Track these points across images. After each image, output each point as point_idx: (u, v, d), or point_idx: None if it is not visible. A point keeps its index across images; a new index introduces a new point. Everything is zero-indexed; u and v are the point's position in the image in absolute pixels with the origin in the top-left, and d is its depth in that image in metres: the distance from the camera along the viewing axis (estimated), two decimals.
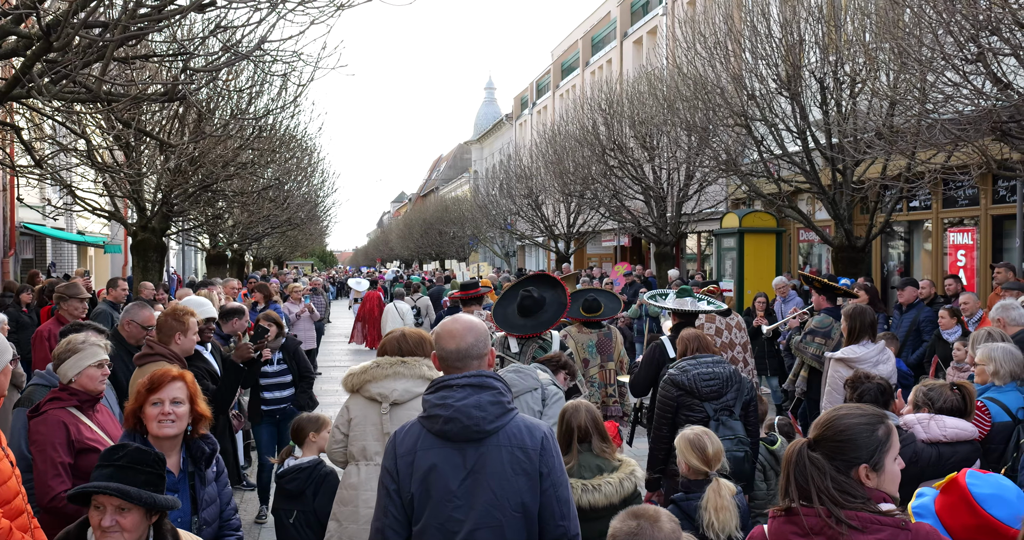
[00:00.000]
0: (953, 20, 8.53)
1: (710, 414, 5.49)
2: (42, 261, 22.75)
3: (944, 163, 11.28)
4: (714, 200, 22.19)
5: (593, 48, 38.03)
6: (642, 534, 2.96)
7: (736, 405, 5.56)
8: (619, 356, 7.85)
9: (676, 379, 5.65)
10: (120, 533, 2.97)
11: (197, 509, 3.67)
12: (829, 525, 2.53)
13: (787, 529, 2.62)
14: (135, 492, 2.96)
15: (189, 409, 3.72)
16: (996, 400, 4.90)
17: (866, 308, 6.80)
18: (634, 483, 4.48)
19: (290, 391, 7.78)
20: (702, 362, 5.67)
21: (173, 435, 3.66)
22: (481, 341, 3.23)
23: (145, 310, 6.22)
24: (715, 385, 5.56)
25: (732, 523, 4.23)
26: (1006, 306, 6.96)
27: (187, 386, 3.74)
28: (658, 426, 5.75)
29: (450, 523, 3.04)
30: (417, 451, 3.11)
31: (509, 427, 3.12)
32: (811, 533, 2.56)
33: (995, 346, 5.16)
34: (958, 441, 4.27)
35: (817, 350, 8.20)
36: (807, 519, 2.56)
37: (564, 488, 3.16)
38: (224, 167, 12.90)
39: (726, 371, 5.64)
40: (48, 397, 4.30)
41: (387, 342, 4.64)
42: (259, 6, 5.84)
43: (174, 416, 3.64)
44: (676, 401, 5.63)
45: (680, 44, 17.20)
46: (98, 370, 4.37)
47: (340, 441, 4.58)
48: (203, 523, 3.67)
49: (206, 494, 3.71)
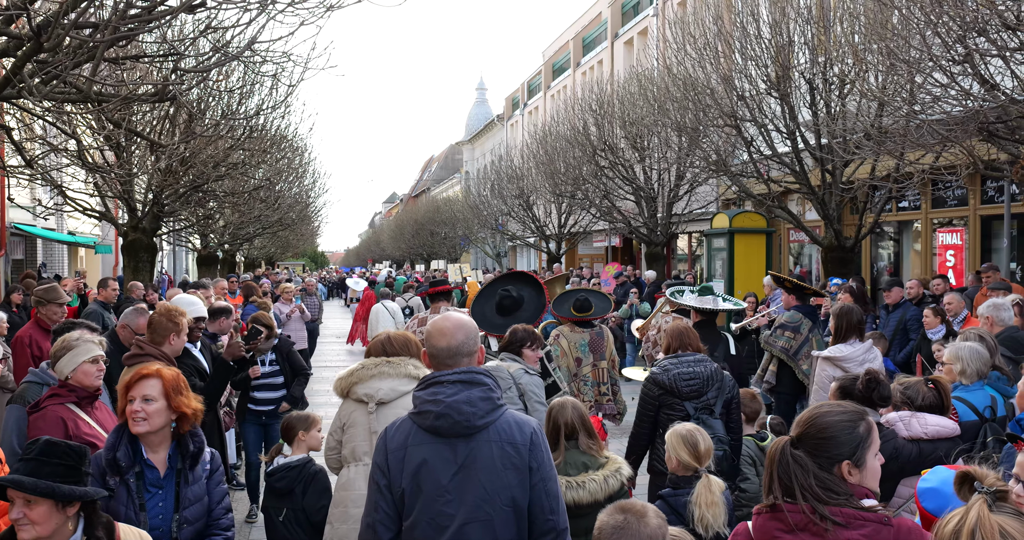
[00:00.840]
0: (940, 21, 8.59)
1: (691, 413, 5.56)
2: (33, 261, 22.69)
3: (932, 164, 11.36)
4: (704, 201, 22.25)
5: (584, 49, 38.08)
6: (628, 528, 2.99)
7: (717, 404, 5.63)
8: (611, 355, 7.90)
9: (658, 378, 5.73)
10: (32, 526, 2.97)
11: (179, 507, 3.67)
12: (813, 521, 2.56)
13: (772, 525, 2.65)
14: (29, 483, 2.95)
15: (165, 406, 3.69)
16: (963, 399, 4.91)
17: (853, 307, 6.86)
18: (620, 480, 4.51)
19: (281, 392, 7.80)
20: (684, 361, 5.73)
21: (145, 432, 3.65)
22: (471, 338, 3.28)
23: (141, 318, 6.24)
24: (695, 384, 5.63)
25: (721, 519, 4.28)
26: (997, 305, 7.01)
27: (162, 383, 3.72)
28: (639, 423, 5.82)
29: (441, 517, 3.07)
30: (408, 446, 3.14)
31: (499, 422, 3.15)
32: (796, 529, 2.59)
33: (962, 345, 5.16)
34: (939, 438, 4.29)
35: (786, 343, 8.45)
36: (791, 516, 2.59)
37: (553, 482, 3.19)
38: (215, 167, 12.90)
39: (707, 370, 5.69)
40: (48, 394, 4.34)
41: (373, 346, 4.67)
42: (249, 6, 5.85)
43: (144, 413, 3.63)
44: (657, 400, 5.71)
45: (670, 45, 17.26)
46: (93, 366, 4.40)
47: (334, 447, 4.60)
48: (184, 521, 3.66)
49: (190, 492, 3.70)
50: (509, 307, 7.08)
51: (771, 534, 2.65)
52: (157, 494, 3.65)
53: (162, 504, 3.64)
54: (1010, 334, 6.81)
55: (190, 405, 3.78)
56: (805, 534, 2.57)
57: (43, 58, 5.47)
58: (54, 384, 4.45)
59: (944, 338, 8.16)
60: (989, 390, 5.03)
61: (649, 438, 5.77)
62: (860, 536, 2.55)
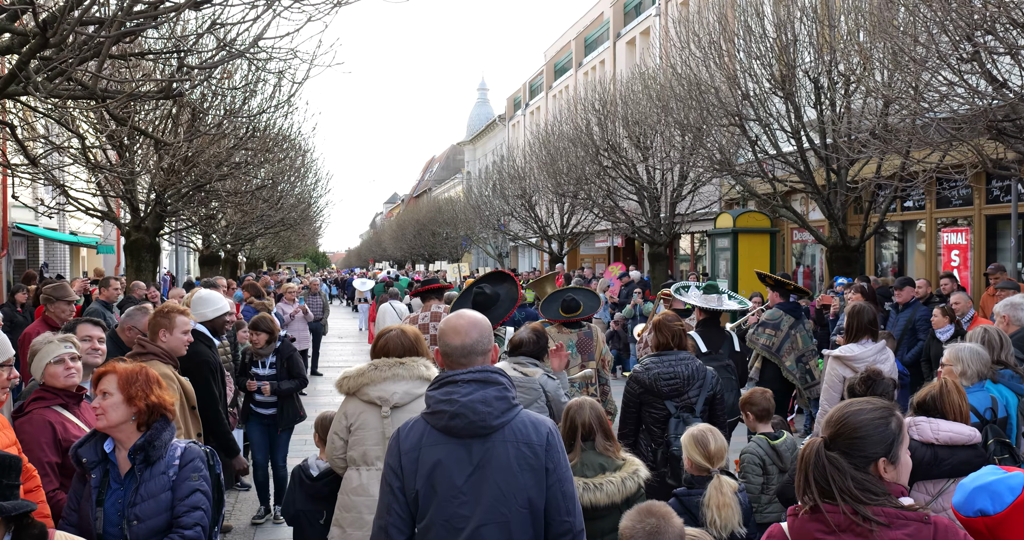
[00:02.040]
0: (948, 19, 8.55)
1: (672, 412, 5.58)
2: (35, 261, 22.67)
3: (939, 162, 11.31)
4: (708, 200, 22.20)
5: (586, 48, 38.04)
6: (662, 533, 3.00)
7: (698, 402, 5.62)
8: (600, 355, 7.79)
9: (639, 377, 5.74)
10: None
11: (131, 503, 3.60)
12: (856, 522, 2.54)
13: (812, 527, 2.61)
14: None
15: (122, 400, 3.65)
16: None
17: (865, 306, 6.79)
18: (637, 482, 4.45)
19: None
20: (665, 360, 5.72)
21: (104, 427, 3.66)
22: (485, 337, 3.22)
23: (146, 317, 6.13)
24: (676, 384, 5.63)
25: (734, 520, 4.26)
26: (1015, 304, 6.92)
27: (117, 378, 3.68)
28: (622, 421, 5.86)
29: (456, 519, 3.02)
30: (422, 447, 3.09)
31: (515, 422, 3.10)
32: (838, 531, 2.56)
33: (962, 346, 5.11)
34: (954, 445, 4.19)
35: (767, 341, 8.63)
36: (832, 516, 2.56)
37: (569, 484, 3.15)
38: (218, 167, 12.87)
39: (688, 369, 5.68)
40: (32, 397, 4.27)
41: (389, 340, 4.53)
42: (255, 3, 5.81)
43: (100, 409, 3.65)
44: (639, 398, 5.74)
45: (674, 44, 17.22)
46: (59, 366, 4.30)
47: (340, 447, 4.48)
48: (133, 518, 3.58)
49: (144, 489, 3.61)
50: (484, 303, 7.09)
51: (812, 536, 2.61)
52: (117, 490, 3.62)
53: (120, 501, 3.60)
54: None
55: (154, 397, 3.70)
56: (848, 535, 2.55)
57: (48, 54, 5.43)
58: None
59: (952, 338, 8.12)
60: (991, 391, 4.98)
61: (633, 436, 5.78)
62: (904, 536, 2.53)
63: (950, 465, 4.07)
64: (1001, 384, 5.12)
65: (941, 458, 4.14)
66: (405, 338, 4.52)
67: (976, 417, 4.79)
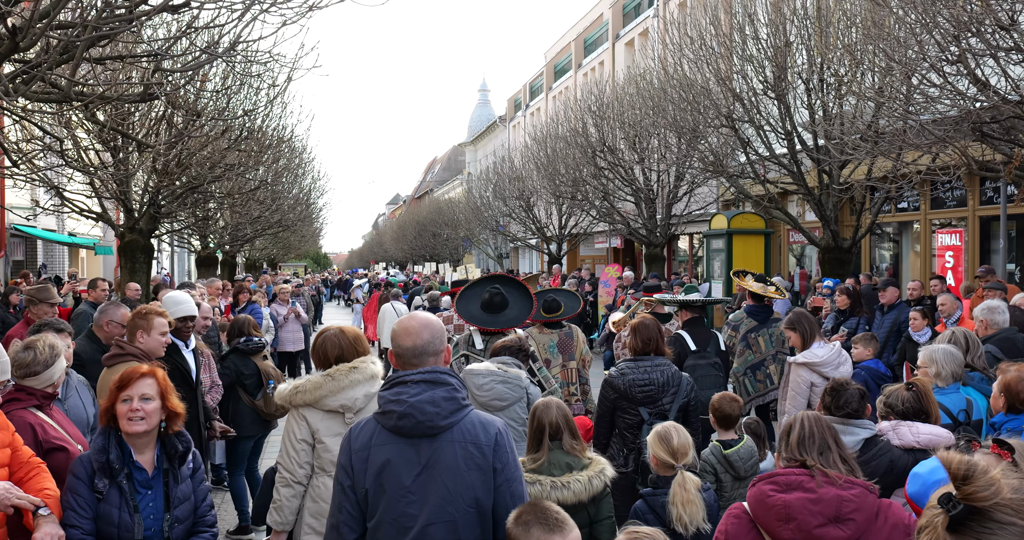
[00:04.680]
0: (934, 22, 8.56)
1: (644, 418, 5.57)
2: (33, 262, 22.74)
3: (929, 165, 11.31)
4: (704, 202, 22.21)
5: (586, 50, 38.05)
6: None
7: (672, 409, 5.62)
8: (581, 355, 7.83)
9: (613, 382, 5.74)
10: None
11: (170, 506, 3.68)
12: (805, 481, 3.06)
13: (766, 488, 3.09)
14: None
15: (160, 406, 3.71)
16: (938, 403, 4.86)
17: (801, 311, 6.93)
18: (603, 481, 4.46)
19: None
20: (641, 366, 5.74)
21: (143, 431, 3.66)
22: (437, 338, 3.24)
23: (122, 309, 6.15)
24: (650, 390, 5.64)
25: (699, 516, 4.26)
26: (992, 308, 6.95)
27: (157, 383, 3.74)
28: (597, 424, 5.86)
29: (404, 518, 3.04)
30: (372, 447, 3.11)
31: (463, 423, 3.13)
32: (788, 489, 3.06)
33: (936, 348, 5.11)
34: (934, 448, 4.18)
35: (728, 341, 8.61)
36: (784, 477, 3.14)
37: (519, 484, 3.17)
38: (211, 168, 12.88)
39: (663, 376, 5.69)
40: (7, 397, 4.22)
41: (327, 340, 4.45)
42: (233, 6, 5.83)
43: (143, 413, 3.64)
44: (613, 403, 5.74)
45: (668, 46, 17.22)
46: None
47: (308, 451, 4.34)
48: (175, 520, 3.68)
49: (179, 491, 3.72)
50: (499, 304, 7.11)
51: (765, 494, 3.07)
52: (147, 495, 3.65)
53: (152, 504, 3.64)
54: (1007, 336, 6.76)
55: (174, 402, 3.79)
56: (798, 491, 3.03)
57: (22, 57, 5.44)
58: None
59: (930, 341, 8.12)
60: (965, 393, 4.97)
61: (607, 438, 5.79)
62: (851, 495, 2.99)
63: None
64: (970, 386, 5.12)
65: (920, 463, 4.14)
66: (343, 338, 4.47)
67: (949, 419, 4.79)
